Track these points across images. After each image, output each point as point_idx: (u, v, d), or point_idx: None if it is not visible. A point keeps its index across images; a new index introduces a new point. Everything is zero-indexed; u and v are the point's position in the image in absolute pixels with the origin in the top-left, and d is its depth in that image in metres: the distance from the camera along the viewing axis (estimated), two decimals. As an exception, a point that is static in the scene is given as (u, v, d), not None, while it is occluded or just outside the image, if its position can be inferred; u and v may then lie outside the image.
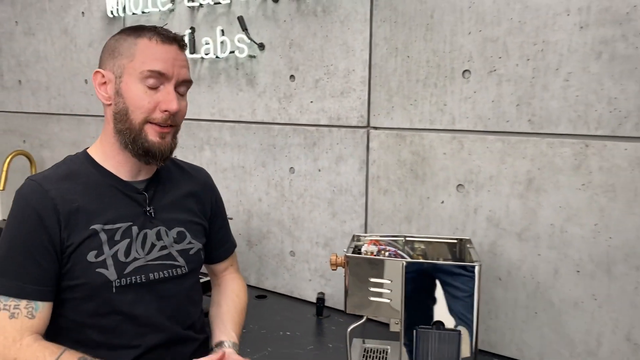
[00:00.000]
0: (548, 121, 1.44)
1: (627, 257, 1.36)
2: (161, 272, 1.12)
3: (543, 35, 1.42)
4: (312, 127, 1.89)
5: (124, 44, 1.10)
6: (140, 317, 1.09)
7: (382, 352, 1.51)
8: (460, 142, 1.58)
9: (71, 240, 1.05)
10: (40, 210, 1.04)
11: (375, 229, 1.78)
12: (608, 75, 1.35)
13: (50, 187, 1.06)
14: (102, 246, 1.07)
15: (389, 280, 1.30)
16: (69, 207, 1.05)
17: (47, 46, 2.80)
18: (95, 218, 1.07)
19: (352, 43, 1.76)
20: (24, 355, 1.00)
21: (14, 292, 1.02)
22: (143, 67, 1.07)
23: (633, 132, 1.33)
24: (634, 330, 1.37)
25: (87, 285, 1.06)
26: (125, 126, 1.08)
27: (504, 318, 1.56)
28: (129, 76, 1.08)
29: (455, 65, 1.57)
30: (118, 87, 1.09)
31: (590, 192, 1.40)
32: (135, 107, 1.07)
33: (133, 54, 1.08)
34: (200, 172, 1.31)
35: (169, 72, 1.08)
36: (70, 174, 1.11)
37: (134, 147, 1.09)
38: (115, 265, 1.07)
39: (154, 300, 1.11)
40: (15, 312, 1.02)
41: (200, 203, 1.25)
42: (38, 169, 2.91)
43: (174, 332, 1.13)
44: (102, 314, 1.08)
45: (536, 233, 1.48)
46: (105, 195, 1.10)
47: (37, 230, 1.03)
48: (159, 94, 1.08)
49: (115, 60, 1.10)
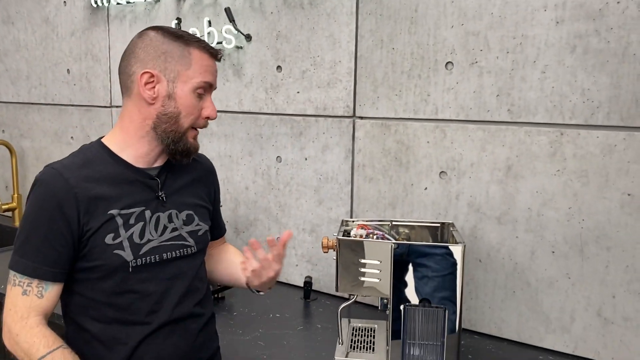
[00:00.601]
0: (526, 111, 1.52)
1: (598, 238, 1.46)
2: (173, 252, 1.19)
3: (522, 29, 1.50)
4: (299, 117, 1.94)
5: (175, 49, 1.15)
6: (153, 295, 1.16)
7: (369, 330, 1.58)
8: (443, 131, 1.66)
9: (90, 225, 1.11)
10: (61, 198, 1.09)
11: (360, 216, 1.85)
12: (582, 68, 1.44)
13: (70, 176, 1.11)
14: (119, 229, 1.13)
15: (378, 261, 1.37)
16: (87, 194, 1.11)
17: (27, 35, 2.78)
18: (112, 204, 1.13)
19: (338, 35, 1.82)
20: (25, 334, 1.08)
21: (29, 271, 1.09)
22: (201, 78, 1.15)
23: (604, 121, 1.42)
24: (604, 307, 1.47)
25: (105, 266, 1.12)
26: (172, 128, 1.16)
27: (483, 298, 1.65)
28: (184, 84, 1.14)
29: (439, 58, 1.64)
30: (171, 91, 1.15)
31: (564, 178, 1.49)
32: (188, 113, 1.16)
33: (189, 63, 1.14)
34: (204, 159, 1.39)
35: (215, 84, 1.20)
36: (87, 162, 1.16)
37: (174, 146, 1.18)
38: (131, 246, 1.13)
39: (166, 278, 1.18)
40: (28, 289, 1.09)
41: (205, 187, 1.33)
42: (19, 159, 2.89)
43: (184, 308, 1.20)
44: (118, 293, 1.14)
45: (514, 217, 1.57)
46: (120, 183, 1.16)
47: (56, 217, 1.09)
48: (202, 102, 1.18)
49: (167, 64, 1.14)
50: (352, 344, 1.50)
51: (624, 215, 1.42)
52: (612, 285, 1.45)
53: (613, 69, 1.40)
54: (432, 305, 1.35)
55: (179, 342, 1.19)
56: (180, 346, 1.20)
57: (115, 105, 2.49)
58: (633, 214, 1.41)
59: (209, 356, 1.27)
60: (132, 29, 2.35)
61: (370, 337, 1.55)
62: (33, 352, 1.07)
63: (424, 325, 1.36)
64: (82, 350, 1.14)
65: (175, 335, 1.18)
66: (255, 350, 1.53)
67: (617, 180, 1.42)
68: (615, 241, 1.44)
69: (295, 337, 1.62)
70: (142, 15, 2.30)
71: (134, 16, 2.33)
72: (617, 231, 1.43)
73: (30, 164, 2.90)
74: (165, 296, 1.17)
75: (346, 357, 1.43)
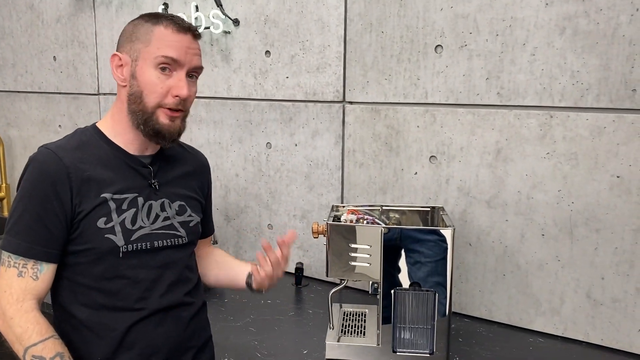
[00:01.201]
0: (515, 94, 1.52)
1: (587, 220, 1.47)
2: (164, 241, 1.18)
3: (511, 11, 1.49)
4: (288, 103, 1.93)
5: (141, 29, 1.14)
6: (143, 282, 1.15)
7: (360, 315, 1.59)
8: (432, 115, 1.65)
9: (82, 207, 1.10)
10: (55, 177, 1.08)
11: (351, 201, 1.84)
12: (571, 50, 1.43)
13: (64, 155, 1.11)
14: (111, 214, 1.12)
15: (368, 246, 1.36)
16: (81, 175, 1.10)
17: (12, 22, 2.73)
18: (105, 187, 1.12)
19: (327, 19, 1.80)
20: (19, 318, 1.07)
21: (23, 251, 1.08)
22: (158, 53, 1.12)
23: (594, 103, 1.42)
24: (594, 288, 1.48)
25: (95, 249, 1.11)
26: (139, 108, 1.14)
27: (474, 281, 1.65)
28: (144, 61, 1.12)
29: (428, 41, 1.63)
30: (133, 70, 1.14)
31: (554, 161, 1.49)
32: (150, 91, 1.13)
33: (149, 40, 1.13)
34: (199, 154, 1.39)
35: (181, 59, 1.13)
36: (82, 145, 1.15)
37: (145, 128, 1.14)
38: (122, 232, 1.12)
39: (157, 266, 1.17)
40: (23, 270, 1.08)
41: (199, 181, 1.33)
42: (6, 149, 2.86)
43: (175, 296, 1.19)
44: (108, 278, 1.13)
45: (504, 200, 1.57)
46: (114, 167, 1.15)
47: (49, 196, 1.08)
48: (171, 79, 1.13)
49: (132, 44, 1.14)
50: (343, 328, 1.51)
51: (613, 197, 1.42)
52: (601, 267, 1.46)
53: (602, 50, 1.39)
54: (422, 289, 1.35)
55: (170, 330, 1.19)
56: (172, 334, 1.19)
57: (102, 93, 2.46)
58: (622, 196, 1.41)
59: (200, 344, 1.27)
60: (118, 14, 2.31)
61: (362, 321, 1.55)
62: (25, 338, 1.05)
63: (414, 309, 1.36)
64: (70, 337, 1.13)
65: (166, 323, 1.18)
66: (247, 336, 1.53)
67: (607, 162, 1.42)
68: (605, 223, 1.44)
69: (286, 322, 1.63)
70: (129, 1, 2.26)
71: (120, 2, 2.29)
72: (606, 213, 1.44)
73: (18, 153, 2.87)
74: (155, 284, 1.16)
75: (337, 341, 1.43)
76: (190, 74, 1.17)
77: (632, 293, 1.43)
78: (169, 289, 1.18)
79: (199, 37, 1.18)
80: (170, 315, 1.18)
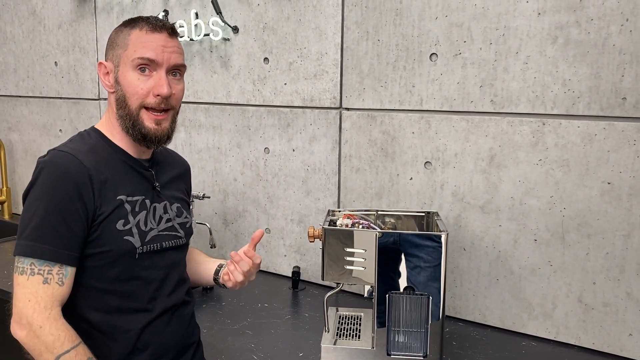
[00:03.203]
0: (509, 101, 1.54)
1: (579, 226, 1.49)
2: (169, 242, 1.22)
3: (505, 21, 1.52)
4: (286, 109, 1.96)
5: (120, 35, 1.18)
6: (154, 282, 1.18)
7: (356, 318, 1.61)
8: (427, 121, 1.68)
9: (103, 209, 1.11)
10: (77, 179, 1.08)
11: (347, 206, 1.87)
12: (563, 59, 1.46)
13: (84, 158, 1.11)
14: (128, 216, 1.14)
15: (363, 250, 1.39)
16: (100, 177, 1.12)
17: (14, 27, 2.76)
18: (119, 189, 1.14)
19: (324, 27, 1.83)
20: (49, 326, 1.04)
21: (49, 256, 1.06)
22: (134, 55, 1.14)
23: (585, 111, 1.45)
24: (585, 293, 1.50)
25: (113, 252, 1.12)
26: (125, 112, 1.16)
27: (467, 285, 1.67)
28: (124, 65, 1.15)
29: (423, 49, 1.66)
30: (117, 76, 1.17)
31: (546, 167, 1.51)
32: (131, 94, 1.15)
33: (127, 44, 1.15)
34: (180, 157, 1.43)
35: (158, 59, 1.15)
36: (93, 149, 1.17)
37: (133, 132, 1.17)
38: (139, 233, 1.15)
39: (165, 266, 1.21)
40: (49, 277, 1.06)
41: (185, 184, 1.39)
42: (7, 153, 2.89)
43: (179, 295, 1.23)
44: (123, 280, 1.14)
45: (497, 206, 1.60)
46: (122, 170, 1.18)
47: (73, 198, 1.07)
48: (151, 79, 1.15)
49: (114, 50, 1.18)
50: (338, 331, 1.53)
51: (604, 204, 1.45)
52: (592, 272, 1.49)
53: (593, 59, 1.42)
54: (416, 292, 1.37)
55: (177, 329, 1.22)
56: (178, 332, 1.22)
57: (103, 98, 2.49)
58: (612, 202, 1.44)
59: (197, 341, 1.31)
60: (119, 21, 2.34)
61: (357, 324, 1.57)
62: (58, 345, 1.03)
63: (408, 313, 1.38)
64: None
65: (173, 322, 1.21)
66: (243, 339, 1.55)
67: (598, 169, 1.45)
68: (596, 229, 1.47)
69: (282, 326, 1.65)
70: (130, 7, 2.29)
71: (121, 8, 2.33)
72: (597, 219, 1.46)
73: (19, 157, 2.90)
74: (163, 284, 1.20)
75: (333, 344, 1.45)
76: (173, 72, 1.18)
77: (623, 297, 1.45)
78: (174, 289, 1.22)
79: (176, 35, 1.18)
80: (176, 314, 1.22)
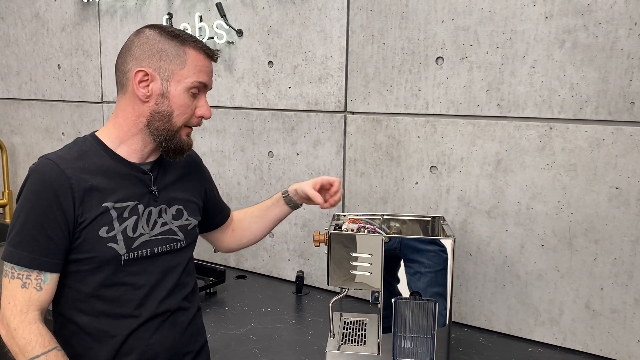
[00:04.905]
0: (515, 105, 1.53)
1: (586, 231, 1.48)
2: (164, 246, 1.21)
3: (511, 24, 1.51)
4: (291, 112, 1.95)
5: (170, 48, 1.15)
6: (143, 288, 1.17)
7: (361, 324, 1.59)
8: (433, 125, 1.67)
9: (85, 217, 1.11)
10: (57, 188, 1.09)
11: (352, 210, 1.86)
12: (570, 63, 1.45)
13: (66, 167, 1.12)
14: (113, 222, 1.14)
15: (369, 255, 1.38)
16: (83, 185, 1.12)
17: (17, 30, 2.76)
18: (106, 196, 1.14)
19: (329, 30, 1.82)
20: (22, 330, 1.08)
21: (26, 262, 1.09)
22: (195, 78, 1.16)
23: (593, 115, 1.44)
24: (593, 299, 1.49)
25: (97, 258, 1.13)
26: (165, 126, 1.17)
27: (474, 291, 1.66)
28: (178, 83, 1.15)
29: (429, 53, 1.65)
30: (165, 90, 1.15)
31: (553, 172, 1.50)
32: (181, 112, 1.16)
33: (184, 63, 1.15)
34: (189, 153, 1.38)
35: (209, 84, 1.20)
36: (82, 155, 1.17)
37: (167, 144, 1.18)
38: (124, 240, 1.14)
39: (157, 272, 1.19)
40: (27, 282, 1.09)
41: (193, 181, 1.34)
42: (9, 156, 2.88)
43: (173, 301, 1.21)
44: (108, 285, 1.14)
45: (504, 211, 1.58)
46: (114, 176, 1.17)
47: (52, 206, 1.09)
48: (196, 101, 1.19)
49: (162, 62, 1.15)
50: (343, 337, 1.51)
51: (612, 209, 1.44)
52: (600, 278, 1.47)
53: (601, 63, 1.41)
54: (422, 298, 1.36)
55: (167, 335, 1.20)
56: (169, 339, 1.21)
57: (106, 101, 2.48)
58: (620, 207, 1.42)
59: (197, 349, 1.29)
60: (122, 24, 2.34)
61: (362, 330, 1.56)
62: (29, 349, 1.06)
63: (414, 318, 1.37)
64: (71, 342, 1.14)
65: (164, 329, 1.19)
66: (247, 344, 1.54)
67: (605, 174, 1.43)
68: (603, 234, 1.45)
69: (287, 331, 1.63)
70: (133, 11, 2.29)
71: (125, 11, 2.32)
72: (605, 224, 1.45)
73: (21, 160, 2.89)
74: (154, 289, 1.18)
75: (338, 350, 1.44)
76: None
77: (631, 304, 1.44)
78: (168, 294, 1.20)
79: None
80: (168, 320, 1.20)
